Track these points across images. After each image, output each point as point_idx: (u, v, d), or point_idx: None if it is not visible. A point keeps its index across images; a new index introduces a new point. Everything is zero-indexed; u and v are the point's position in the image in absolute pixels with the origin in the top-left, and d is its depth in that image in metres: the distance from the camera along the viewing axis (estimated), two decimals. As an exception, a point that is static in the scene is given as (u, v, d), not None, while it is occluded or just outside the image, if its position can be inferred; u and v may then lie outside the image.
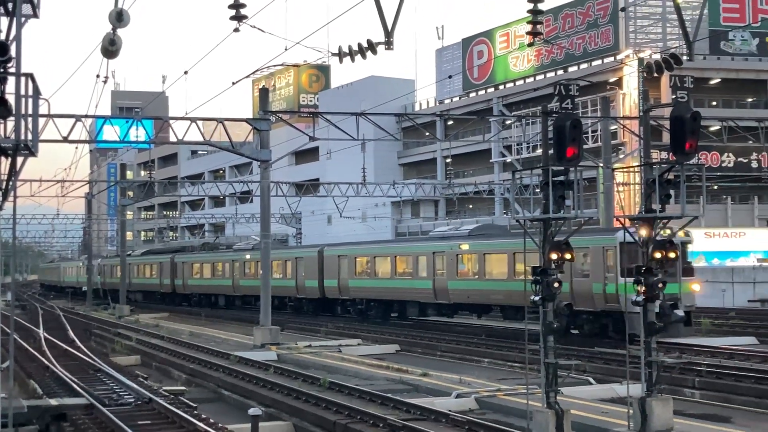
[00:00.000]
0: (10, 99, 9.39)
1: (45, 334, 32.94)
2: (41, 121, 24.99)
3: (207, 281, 55.49)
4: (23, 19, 9.42)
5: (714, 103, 55.71)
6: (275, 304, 44.93)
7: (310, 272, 42.66)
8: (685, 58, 18.60)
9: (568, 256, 14.55)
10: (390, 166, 72.24)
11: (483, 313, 35.57)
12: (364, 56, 16.20)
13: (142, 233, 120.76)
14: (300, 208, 58.57)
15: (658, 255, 14.55)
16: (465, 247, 33.53)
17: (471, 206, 66.90)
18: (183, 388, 21.45)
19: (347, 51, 16.50)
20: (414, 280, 36.31)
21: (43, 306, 60.40)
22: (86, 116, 29.09)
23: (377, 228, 61.60)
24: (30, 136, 9.71)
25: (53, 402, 17.05)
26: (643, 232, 14.74)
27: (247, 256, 49.09)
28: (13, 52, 9.22)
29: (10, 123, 9.77)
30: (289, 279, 45.03)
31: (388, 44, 14.47)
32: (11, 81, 9.44)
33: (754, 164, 52.93)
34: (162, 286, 61.36)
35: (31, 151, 9.91)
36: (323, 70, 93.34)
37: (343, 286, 40.47)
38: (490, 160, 64.12)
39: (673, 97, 14.91)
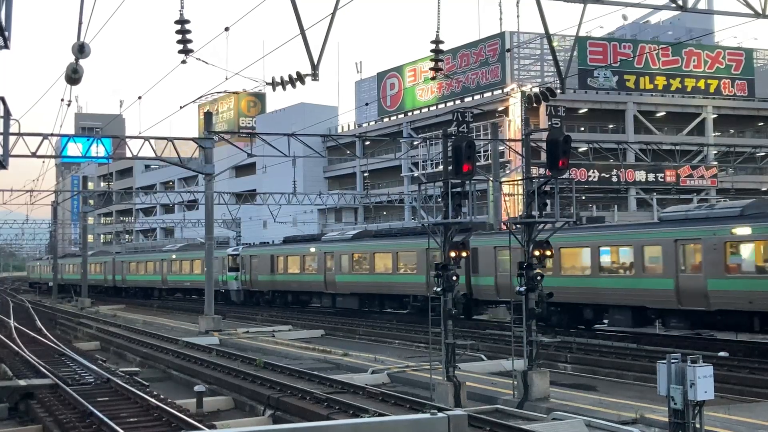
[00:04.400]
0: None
1: (15, 324, 31.77)
2: (12, 138, 24.16)
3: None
4: (-5, 49, 9.10)
5: (582, 128, 57.04)
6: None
7: None
8: (558, 91, 18.97)
9: (464, 254, 14.74)
10: (317, 179, 71.90)
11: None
12: (294, 86, 16.07)
13: (102, 236, 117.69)
14: (239, 214, 57.73)
15: (536, 253, 14.84)
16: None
17: (385, 213, 67.06)
18: (137, 369, 20.96)
19: (280, 81, 16.35)
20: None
21: (13, 299, 58.20)
22: (52, 135, 28.30)
23: (306, 232, 61.20)
24: (1, 152, 9.38)
25: (22, 382, 16.44)
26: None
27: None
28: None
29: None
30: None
31: (315, 76, 14.40)
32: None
33: (614, 179, 54.29)
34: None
35: (2, 164, 9.57)
36: (260, 97, 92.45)
37: None
38: (401, 175, 64.37)
39: (549, 123, 15.19)
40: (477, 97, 59.14)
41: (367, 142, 61.52)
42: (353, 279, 35.19)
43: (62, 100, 25.36)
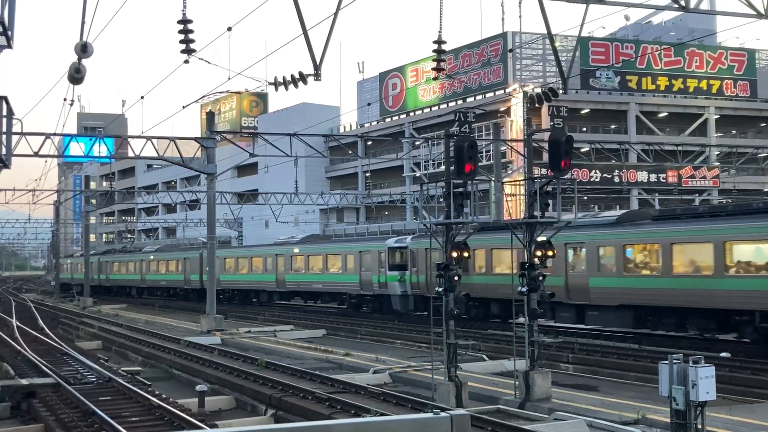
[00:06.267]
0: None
1: (17, 323, 31.80)
2: (14, 138, 24.18)
3: None
4: (-2, 49, 9.11)
5: (584, 129, 56.95)
6: None
7: None
8: (560, 91, 18.97)
9: (466, 254, 14.73)
10: (318, 179, 71.91)
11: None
12: (296, 85, 16.09)
13: (104, 236, 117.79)
14: (241, 214, 57.77)
15: (538, 253, 14.83)
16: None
17: (386, 213, 67.03)
18: (139, 368, 20.97)
19: (282, 81, 16.36)
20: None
21: (16, 299, 58.24)
22: (55, 134, 28.31)
23: (307, 231, 61.17)
24: (4, 151, 9.39)
25: (24, 382, 16.45)
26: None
27: None
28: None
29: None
30: None
31: (317, 76, 14.40)
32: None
33: (616, 179, 54.23)
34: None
35: (5, 164, 9.58)
36: (262, 97, 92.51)
37: None
38: (402, 175, 64.36)
39: (551, 123, 15.18)
40: (479, 97, 59.08)
41: (369, 142, 61.55)
42: (625, 284, 21.33)
43: (65, 99, 25.40)
